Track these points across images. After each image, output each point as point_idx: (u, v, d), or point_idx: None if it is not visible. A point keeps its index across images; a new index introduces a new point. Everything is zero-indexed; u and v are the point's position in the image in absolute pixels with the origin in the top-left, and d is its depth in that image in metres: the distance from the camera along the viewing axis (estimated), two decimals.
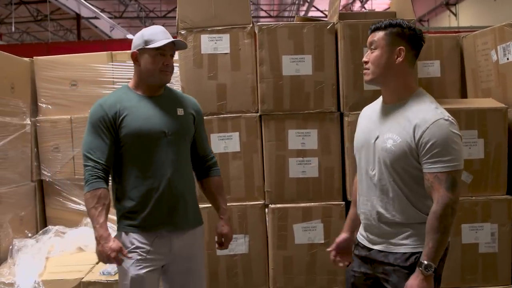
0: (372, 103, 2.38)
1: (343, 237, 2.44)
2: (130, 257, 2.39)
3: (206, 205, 2.83)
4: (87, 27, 19.50)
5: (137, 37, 2.50)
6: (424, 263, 2.01)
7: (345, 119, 3.31)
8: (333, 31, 3.34)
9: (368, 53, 2.19)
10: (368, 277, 2.28)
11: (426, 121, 2.04)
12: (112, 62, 4.18)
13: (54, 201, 4.17)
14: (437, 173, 2.02)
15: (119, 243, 2.36)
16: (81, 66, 4.16)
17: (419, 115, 2.07)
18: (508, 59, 3.32)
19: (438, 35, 4.04)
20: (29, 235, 3.92)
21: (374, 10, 17.54)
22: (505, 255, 3.28)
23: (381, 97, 2.29)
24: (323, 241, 3.30)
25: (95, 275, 3.31)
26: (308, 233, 3.32)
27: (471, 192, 3.28)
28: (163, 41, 2.43)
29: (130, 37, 18.09)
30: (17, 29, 19.33)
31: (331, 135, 3.35)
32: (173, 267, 2.54)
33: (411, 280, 2.04)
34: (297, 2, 18.51)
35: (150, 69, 2.46)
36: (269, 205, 3.35)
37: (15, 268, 3.36)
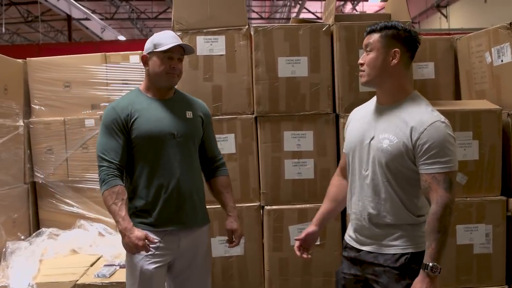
0: (362, 105, 2.41)
1: (312, 229, 2.46)
2: (156, 241, 2.48)
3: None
4: (78, 28, 19.44)
5: (148, 41, 2.61)
6: (429, 265, 2.03)
7: (341, 120, 3.31)
8: (328, 32, 3.34)
9: (363, 55, 2.22)
10: (358, 280, 2.30)
11: (423, 123, 2.07)
12: (105, 63, 4.16)
13: (47, 203, 4.13)
14: (435, 174, 2.05)
15: (143, 231, 2.45)
16: (75, 67, 4.14)
17: (416, 117, 2.10)
18: (502, 61, 3.34)
19: (432, 37, 4.05)
20: (22, 237, 3.88)
21: (365, 12, 17.62)
22: (499, 255, 3.29)
23: (372, 99, 2.33)
24: (318, 243, 3.29)
25: (90, 277, 3.28)
26: None
27: (466, 193, 3.29)
28: (170, 44, 2.52)
29: (121, 38, 18.07)
30: (8, 30, 19.24)
31: (326, 137, 3.35)
32: (178, 262, 2.63)
33: (418, 284, 2.05)
34: (288, 4, 18.54)
35: (157, 72, 2.57)
36: (265, 207, 3.35)
37: (9, 270, 3.33)
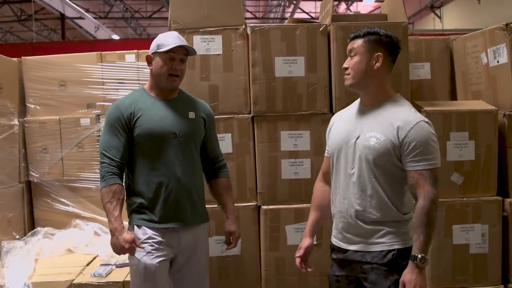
0: (344, 109, 2.55)
1: (308, 243, 2.57)
2: (143, 247, 2.53)
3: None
4: (72, 27, 19.32)
5: (153, 41, 2.66)
6: (418, 256, 2.11)
7: None
8: (325, 33, 3.34)
9: (348, 60, 2.33)
10: (350, 280, 2.37)
11: (408, 122, 2.19)
12: (101, 62, 4.14)
13: (42, 203, 4.11)
14: (422, 170, 2.16)
15: (132, 234, 2.51)
16: (70, 66, 4.12)
17: (401, 117, 2.22)
18: (498, 61, 3.36)
19: (428, 37, 4.06)
20: (17, 237, 3.87)
21: (359, 12, 17.65)
22: (495, 255, 3.31)
23: (354, 103, 2.45)
24: (315, 242, 3.28)
25: (86, 277, 3.27)
26: (300, 234, 3.28)
27: (462, 193, 3.30)
28: (171, 45, 2.57)
29: (115, 37, 18.00)
30: (0, 28, 19.15)
31: (323, 137, 3.31)
32: (178, 259, 2.67)
33: (408, 274, 2.13)
34: (282, 3, 18.55)
35: (159, 72, 2.62)
36: (262, 207, 3.35)
37: (4, 270, 3.31)
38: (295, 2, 16.75)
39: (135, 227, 2.61)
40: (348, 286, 2.38)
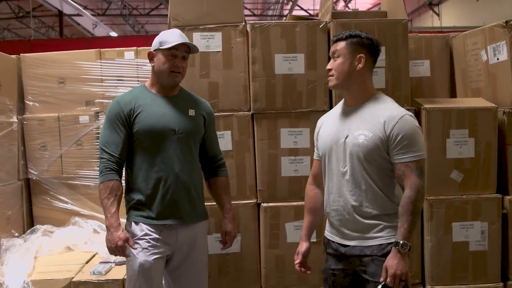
0: (329, 111, 2.65)
1: (305, 247, 2.64)
2: (136, 247, 2.54)
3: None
4: (70, 24, 19.30)
5: (155, 38, 2.67)
6: (400, 243, 2.21)
7: None
8: (325, 30, 3.34)
9: (331, 61, 2.43)
10: (347, 274, 2.43)
11: (394, 116, 2.29)
12: (100, 59, 4.12)
13: (41, 200, 4.10)
14: (408, 162, 2.26)
15: (127, 233, 2.52)
16: (69, 63, 4.10)
17: (386, 112, 2.32)
18: (498, 59, 3.35)
19: (427, 35, 4.05)
20: (16, 234, 3.85)
21: (357, 9, 17.64)
22: (494, 253, 3.31)
23: (338, 104, 2.55)
24: (315, 240, 3.26)
25: (86, 274, 3.26)
26: (300, 232, 3.29)
27: (461, 190, 3.30)
28: (174, 42, 2.59)
29: (113, 34, 17.95)
30: None
31: None
32: (175, 257, 2.68)
33: (390, 260, 2.22)
34: (281, 1, 18.53)
35: (161, 69, 2.63)
36: (261, 204, 3.35)
37: (4, 268, 3.30)
38: None
39: (133, 223, 2.62)
40: (343, 279, 2.45)
